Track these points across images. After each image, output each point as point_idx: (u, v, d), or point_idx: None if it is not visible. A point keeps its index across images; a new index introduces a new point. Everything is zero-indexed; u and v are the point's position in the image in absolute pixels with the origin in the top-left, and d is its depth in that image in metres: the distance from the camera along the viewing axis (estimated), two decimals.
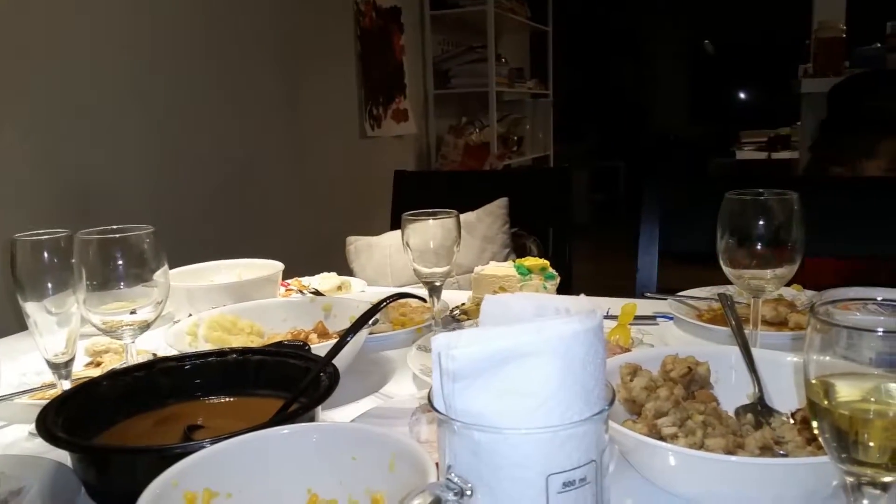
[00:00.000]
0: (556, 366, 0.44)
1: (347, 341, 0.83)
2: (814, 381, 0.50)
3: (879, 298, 0.54)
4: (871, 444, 0.47)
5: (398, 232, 2.15)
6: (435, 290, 1.16)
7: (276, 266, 1.35)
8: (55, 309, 0.88)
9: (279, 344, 0.91)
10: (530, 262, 1.21)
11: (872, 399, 0.49)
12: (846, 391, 0.49)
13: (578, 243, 2.29)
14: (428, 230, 1.13)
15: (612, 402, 0.48)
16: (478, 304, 1.21)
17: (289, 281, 1.48)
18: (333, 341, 0.99)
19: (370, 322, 0.86)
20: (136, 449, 0.67)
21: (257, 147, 2.99)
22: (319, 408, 0.74)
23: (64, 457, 0.72)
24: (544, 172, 3.83)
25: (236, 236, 2.77)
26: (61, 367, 0.89)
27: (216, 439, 0.62)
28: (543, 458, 0.45)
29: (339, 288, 1.45)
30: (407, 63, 4.16)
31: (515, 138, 4.86)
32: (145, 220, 0.93)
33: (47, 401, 0.92)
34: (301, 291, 1.47)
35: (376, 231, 2.25)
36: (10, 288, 0.88)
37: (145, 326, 0.90)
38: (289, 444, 0.63)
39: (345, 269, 2.14)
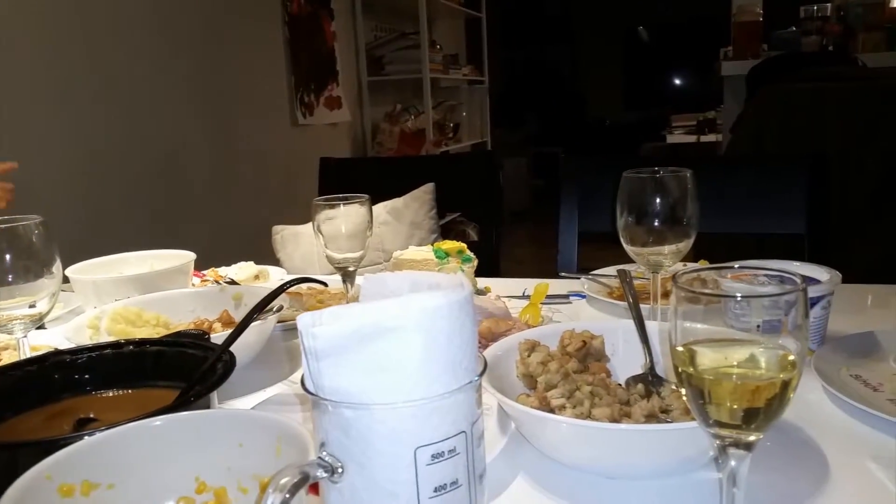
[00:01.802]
0: (419, 339, 0.44)
1: (244, 328, 0.81)
2: (679, 349, 0.51)
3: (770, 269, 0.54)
4: (728, 405, 0.48)
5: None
6: (349, 276, 1.15)
7: (188, 256, 1.32)
8: None
9: (178, 334, 0.90)
10: (447, 245, 1.21)
11: (734, 363, 0.50)
12: (708, 357, 0.50)
13: (516, 228, 2.31)
14: (338, 215, 1.12)
15: (482, 374, 0.48)
16: None
17: (205, 272, 1.45)
18: (234, 329, 0.97)
19: (274, 309, 0.85)
20: (16, 444, 0.64)
21: (183, 135, 2.92)
22: (215, 397, 0.73)
23: None
24: (473, 157, 3.84)
25: (160, 228, 2.70)
26: None
27: (95, 430, 0.60)
28: (411, 431, 0.45)
29: (257, 277, 1.43)
30: (339, 49, 4.12)
31: (451, 125, 4.86)
32: (65, 212, 0.90)
33: None
34: (217, 282, 1.45)
35: (306, 221, 2.22)
36: None
37: (38, 320, 0.87)
38: (173, 433, 0.62)
39: (272, 259, 2.12)
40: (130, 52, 2.63)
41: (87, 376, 0.82)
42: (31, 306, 0.87)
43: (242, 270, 1.42)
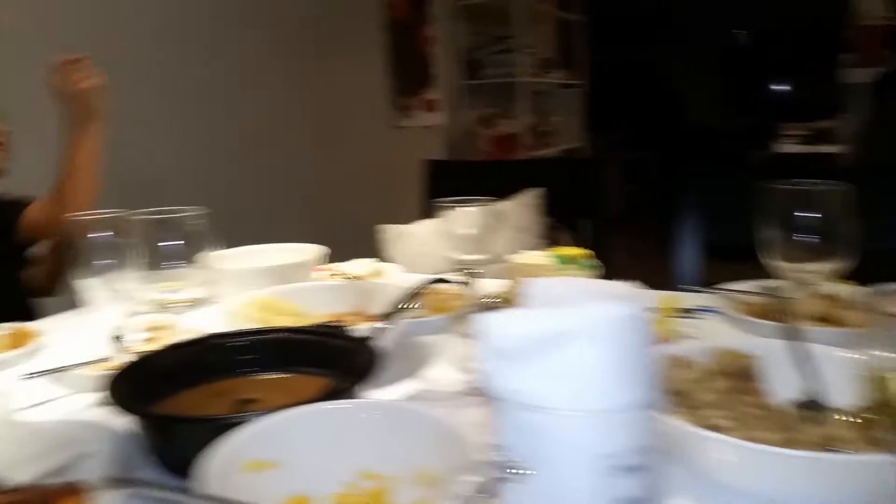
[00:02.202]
0: (608, 348, 0.45)
1: (390, 323, 0.85)
2: (882, 376, 0.50)
3: None
4: None
5: (431, 221, 2.18)
6: (473, 279, 1.17)
7: (318, 250, 1.37)
8: (111, 286, 0.91)
9: (321, 325, 0.93)
10: (568, 251, 1.22)
11: None
12: None
13: (610, 236, 2.27)
14: (467, 217, 1.14)
15: (660, 391, 0.49)
16: (514, 293, 1.23)
17: (325, 266, 1.50)
18: (375, 324, 1.01)
19: (412, 305, 0.88)
20: (200, 418, 0.69)
21: (289, 136, 3.02)
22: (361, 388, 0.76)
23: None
24: (576, 162, 3.81)
25: (267, 223, 2.81)
26: (118, 341, 0.92)
27: (268, 412, 0.64)
28: (596, 440, 0.46)
29: (377, 274, 1.47)
30: (436, 53, 4.17)
31: (544, 129, 4.84)
32: (184, 204, 0.96)
33: (105, 372, 0.95)
34: (335, 276, 1.50)
35: (405, 220, 2.27)
36: (69, 265, 0.91)
37: (195, 303, 0.92)
38: (338, 419, 0.65)
39: (373, 256, 2.17)
40: (243, 58, 2.75)
41: (242, 359, 0.87)
42: (182, 291, 0.92)
43: (363, 266, 1.46)
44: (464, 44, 4.47)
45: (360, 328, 0.90)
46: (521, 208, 1.95)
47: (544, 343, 0.45)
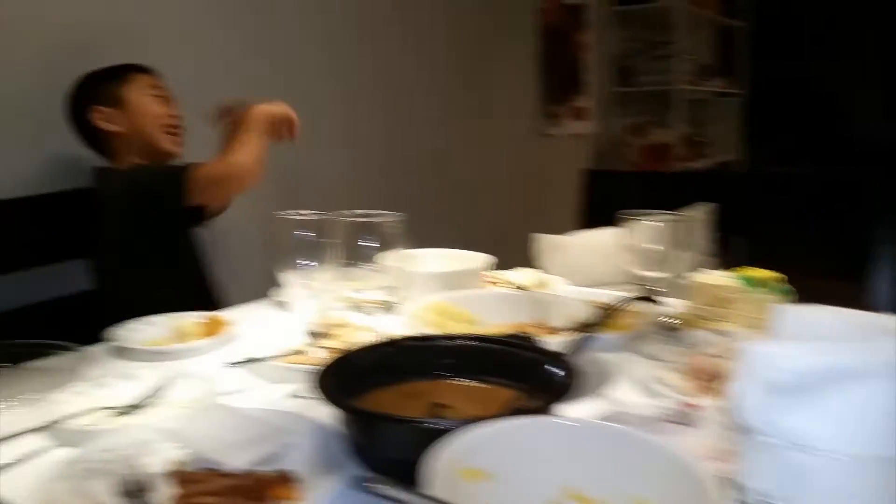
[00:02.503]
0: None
1: (585, 338, 0.83)
2: None
3: None
4: None
5: (590, 232, 2.15)
6: (654, 296, 1.13)
7: (481, 259, 1.38)
8: (309, 282, 0.96)
9: (511, 336, 0.93)
10: (756, 273, 1.15)
11: None
12: None
13: (771, 254, 2.13)
14: (652, 231, 1.11)
15: None
16: (695, 314, 1.18)
17: (487, 273, 1.51)
18: (564, 337, 1.00)
19: (605, 322, 0.86)
20: (407, 419, 0.71)
21: (439, 141, 3.08)
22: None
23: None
24: (747, 176, 3.62)
25: (416, 228, 2.88)
26: (315, 336, 0.97)
27: (482, 421, 0.64)
28: (873, 489, 0.42)
29: (542, 285, 1.46)
30: (588, 60, 4.11)
31: (699, 140, 4.65)
32: (340, 205, 0.99)
33: (299, 365, 1.01)
34: (498, 284, 1.50)
35: (554, 229, 2.25)
36: (270, 260, 0.97)
37: (387, 307, 0.95)
38: (551, 435, 0.64)
39: (520, 265, 2.16)
40: (394, 61, 2.83)
41: (433, 363, 0.89)
42: (379, 291, 0.96)
43: (527, 276, 1.46)
44: (616, 50, 4.38)
45: (550, 341, 0.89)
46: (692, 223, 1.87)
47: (827, 380, 0.42)
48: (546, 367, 0.80)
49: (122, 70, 1.63)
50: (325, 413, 0.89)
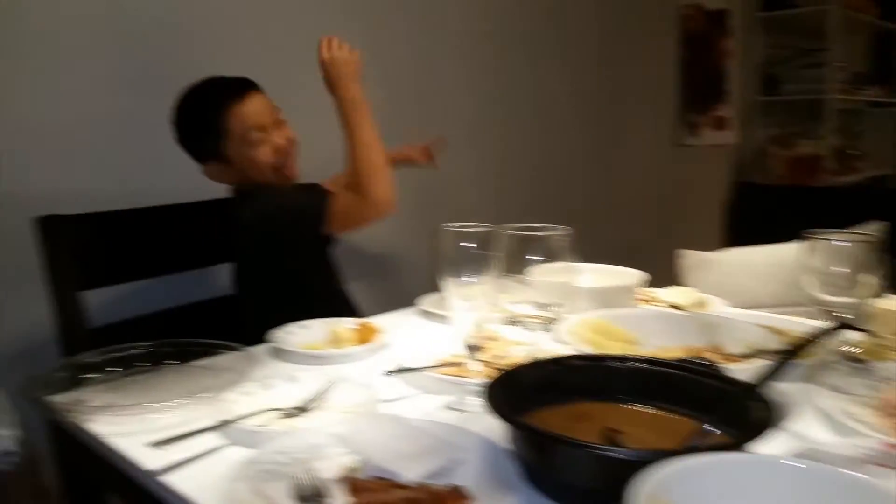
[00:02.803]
0: None
1: (774, 368, 0.76)
2: None
3: None
4: None
5: (743, 250, 2.02)
6: (840, 323, 1.04)
7: (636, 275, 1.32)
8: (469, 294, 0.94)
9: (685, 360, 0.88)
10: None
11: None
12: None
13: None
14: (840, 252, 1.02)
15: None
16: (880, 343, 1.07)
17: (640, 291, 1.45)
18: (747, 365, 0.93)
19: (802, 354, 0.79)
20: (586, 444, 0.67)
21: (570, 147, 3.01)
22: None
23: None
24: None
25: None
26: (472, 349, 0.95)
27: (678, 453, 0.60)
28: None
29: (699, 304, 1.38)
30: (730, 68, 3.92)
31: (852, 153, 4.32)
32: (469, 217, 0.96)
33: (455, 377, 0.99)
34: (650, 302, 1.43)
35: (692, 244, 2.13)
36: (434, 271, 0.96)
37: (550, 323, 0.92)
38: (759, 476, 0.59)
39: (664, 282, 2.07)
40: (533, 67, 2.79)
41: (601, 384, 0.85)
42: (541, 307, 0.92)
43: (683, 295, 1.38)
44: (760, 58, 4.15)
45: (733, 369, 0.83)
46: (861, 244, 1.72)
47: None
48: (737, 398, 0.74)
49: (218, 109, 1.49)
50: (490, 428, 0.87)
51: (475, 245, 0.92)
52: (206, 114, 1.49)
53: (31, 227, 1.38)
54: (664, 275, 1.81)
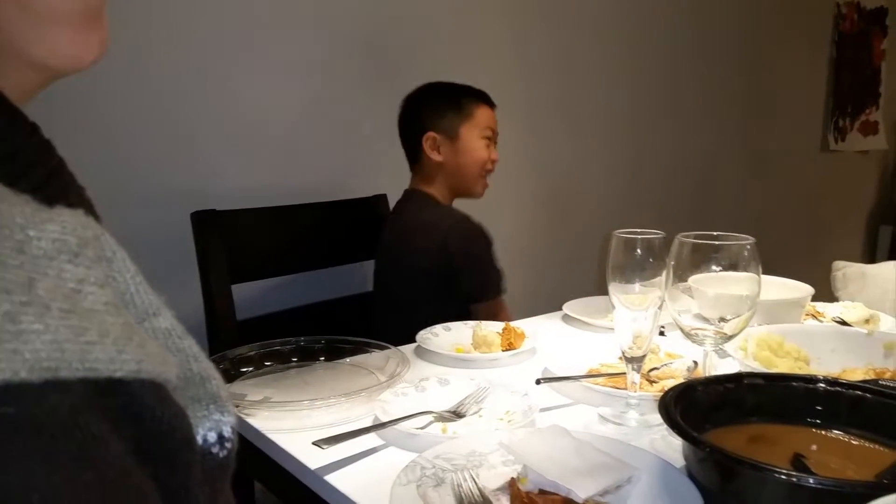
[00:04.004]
0: None
1: None
2: None
3: None
4: None
5: None
6: None
7: (806, 289, 1.23)
8: (634, 302, 0.89)
9: (876, 382, 0.79)
10: None
11: None
12: None
13: None
14: None
15: None
16: None
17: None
18: None
19: None
20: (781, 471, 0.61)
21: (715, 148, 2.87)
22: None
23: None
24: None
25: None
26: (634, 361, 0.90)
27: (891, 486, 0.53)
28: None
29: (867, 321, 1.26)
30: (885, 70, 3.62)
31: None
32: (604, 221, 0.90)
33: (609, 387, 0.95)
34: (815, 317, 1.33)
35: (839, 254, 1.97)
36: (601, 277, 0.92)
37: (726, 338, 0.86)
38: None
39: (817, 294, 1.92)
40: (678, 69, 2.68)
41: (779, 405, 0.78)
42: (723, 320, 0.86)
43: (851, 311, 1.27)
44: None
45: None
46: None
47: None
48: None
49: (472, 99, 1.63)
50: (655, 444, 0.83)
51: (645, 252, 0.87)
52: (462, 97, 1.63)
53: (188, 221, 1.45)
54: (811, 286, 1.68)
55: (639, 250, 0.87)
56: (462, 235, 1.54)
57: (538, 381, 0.98)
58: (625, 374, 0.92)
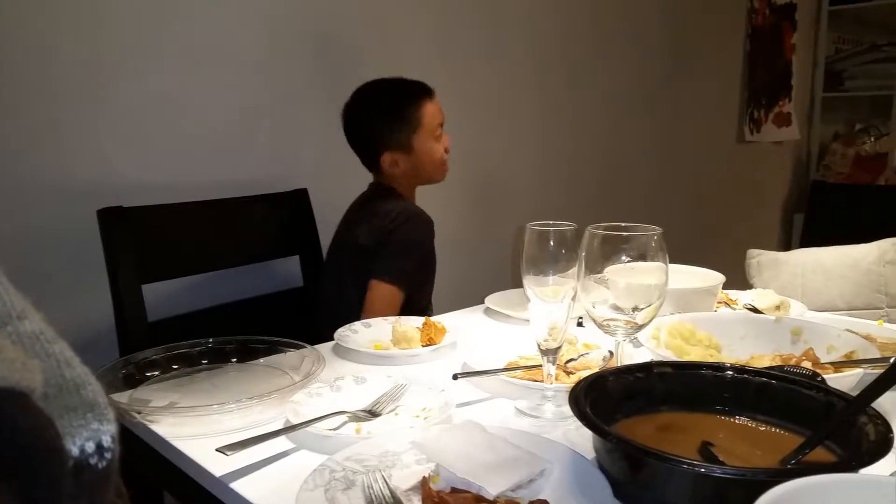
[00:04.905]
0: None
1: (892, 382, 0.69)
2: None
3: None
4: None
5: (813, 250, 1.93)
6: None
7: (718, 278, 1.26)
8: (548, 294, 0.89)
9: (782, 369, 0.81)
10: None
11: None
12: None
13: None
14: None
15: None
16: None
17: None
18: (842, 374, 0.86)
19: None
20: (702, 464, 0.61)
21: (630, 141, 2.93)
22: None
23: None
24: None
25: None
26: (549, 353, 0.90)
27: (794, 471, 0.54)
28: None
29: (778, 308, 1.30)
30: (796, 63, 3.77)
31: None
32: (530, 213, 0.91)
33: (526, 380, 0.95)
34: (728, 305, 1.36)
35: (755, 243, 2.04)
36: (498, 268, 0.91)
37: (637, 328, 0.86)
38: (879, 499, 0.53)
39: (733, 282, 1.98)
40: (596, 62, 2.71)
41: (688, 393, 0.79)
42: (628, 310, 0.87)
43: (762, 298, 1.31)
44: (827, 52, 3.99)
45: (836, 379, 0.76)
46: None
47: None
48: (847, 413, 0.68)
49: (413, 101, 1.59)
50: (569, 436, 0.82)
51: (558, 244, 0.87)
52: (406, 106, 1.59)
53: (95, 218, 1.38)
54: (727, 275, 1.73)
55: (552, 242, 0.87)
56: (406, 220, 1.55)
57: (455, 377, 0.97)
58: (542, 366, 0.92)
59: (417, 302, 1.56)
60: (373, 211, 1.58)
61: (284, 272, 1.78)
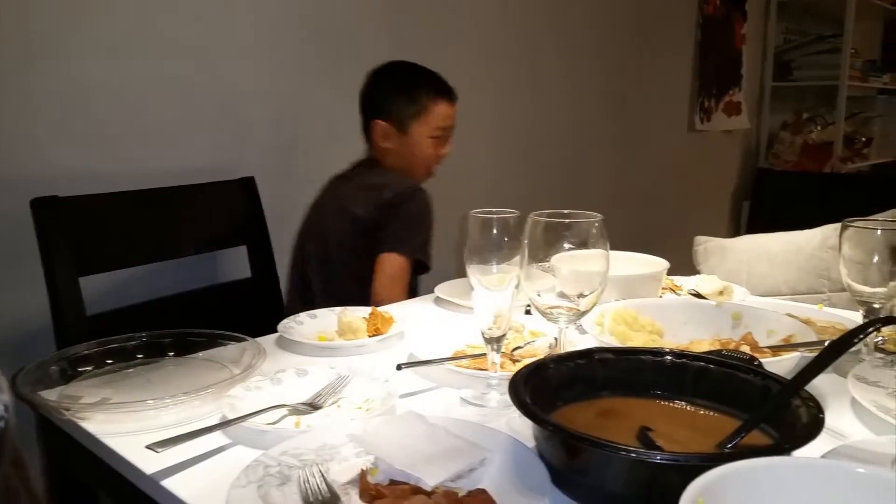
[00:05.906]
0: None
1: (822, 368, 0.70)
2: None
3: None
4: None
5: (760, 236, 1.96)
6: (872, 314, 0.98)
7: (662, 264, 1.26)
8: (492, 283, 0.88)
9: (720, 353, 0.82)
10: None
11: None
12: None
13: None
14: (874, 241, 0.96)
15: None
16: None
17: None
18: (780, 358, 0.88)
19: (846, 349, 0.73)
20: (635, 450, 0.61)
21: (588, 133, 2.94)
22: None
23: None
24: None
25: None
26: (493, 341, 0.89)
27: (727, 455, 0.54)
28: None
29: (721, 293, 1.32)
30: (746, 53, 3.83)
31: (863, 139, 4.25)
32: (487, 203, 0.91)
33: (471, 370, 0.94)
34: (673, 291, 1.38)
35: (704, 230, 2.07)
36: (453, 259, 0.90)
37: (580, 314, 0.86)
38: (809, 480, 0.53)
39: (678, 269, 2.01)
40: (546, 48, 2.72)
41: (629, 379, 0.79)
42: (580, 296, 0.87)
43: (705, 283, 1.32)
44: (776, 43, 4.07)
45: (769, 361, 0.77)
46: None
47: None
48: (781, 396, 0.69)
49: (430, 93, 1.62)
50: (512, 425, 0.82)
51: (501, 232, 0.86)
52: (421, 90, 1.62)
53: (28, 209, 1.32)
54: (678, 261, 1.75)
55: (495, 230, 0.86)
56: (406, 193, 1.56)
57: (399, 367, 0.96)
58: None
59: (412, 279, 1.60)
60: (369, 183, 1.60)
61: (232, 263, 1.74)
